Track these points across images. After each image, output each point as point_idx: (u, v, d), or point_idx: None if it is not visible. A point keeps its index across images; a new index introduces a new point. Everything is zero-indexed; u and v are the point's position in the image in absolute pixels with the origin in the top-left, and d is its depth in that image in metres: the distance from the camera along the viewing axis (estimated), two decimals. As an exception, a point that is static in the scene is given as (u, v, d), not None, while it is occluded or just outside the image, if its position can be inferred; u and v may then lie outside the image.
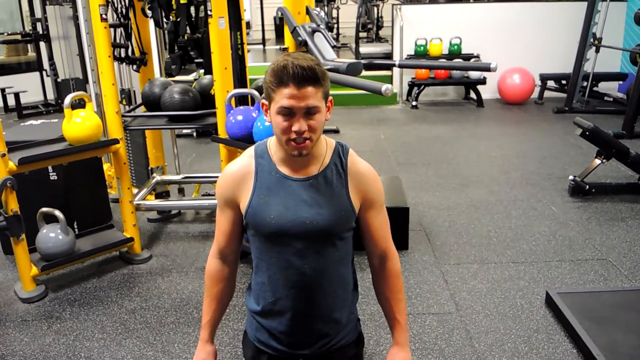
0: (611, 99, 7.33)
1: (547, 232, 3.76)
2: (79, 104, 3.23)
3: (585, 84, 7.33)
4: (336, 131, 6.51)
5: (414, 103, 8.13)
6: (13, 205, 2.89)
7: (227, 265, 1.74)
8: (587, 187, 4.32)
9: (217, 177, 4.20)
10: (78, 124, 3.08)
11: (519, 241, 3.63)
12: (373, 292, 1.73)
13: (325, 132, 1.57)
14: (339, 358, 1.71)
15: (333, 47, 3.07)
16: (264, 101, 1.56)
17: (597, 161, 4.36)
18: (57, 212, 3.07)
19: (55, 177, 3.47)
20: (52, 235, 3.10)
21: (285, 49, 3.10)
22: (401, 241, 3.51)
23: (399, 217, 3.47)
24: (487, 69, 2.64)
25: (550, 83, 7.94)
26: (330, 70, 2.57)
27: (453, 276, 3.19)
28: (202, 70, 5.95)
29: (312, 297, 1.63)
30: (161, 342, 2.64)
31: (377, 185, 1.66)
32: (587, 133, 4.25)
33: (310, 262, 1.61)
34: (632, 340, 2.46)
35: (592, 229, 3.77)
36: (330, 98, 1.57)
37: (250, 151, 1.67)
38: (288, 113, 1.47)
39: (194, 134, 6.69)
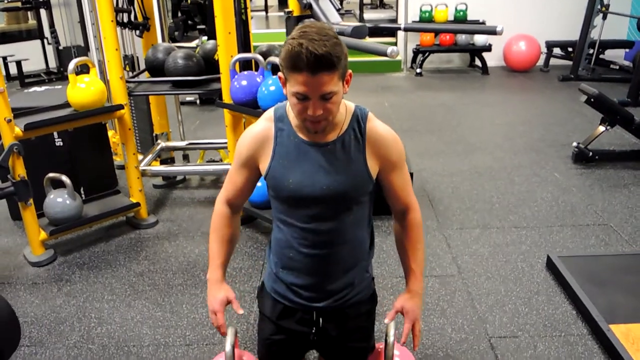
0: (617, 67, 7.27)
1: (549, 198, 3.78)
2: (82, 70, 3.22)
3: (591, 51, 7.25)
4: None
5: (418, 70, 8.07)
6: (20, 171, 2.92)
7: (235, 212, 1.79)
8: (591, 154, 4.33)
9: (221, 143, 4.24)
10: (82, 90, 3.09)
11: (522, 207, 3.65)
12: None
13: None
14: (353, 313, 1.76)
15: (338, 10, 3.05)
16: (280, 75, 1.54)
17: (601, 128, 4.36)
18: (64, 178, 3.10)
19: (61, 143, 3.50)
20: (60, 201, 3.13)
21: (289, 12, 3.07)
22: (404, 206, 3.54)
23: (403, 183, 3.49)
24: (493, 32, 2.62)
25: (556, 50, 7.86)
26: (335, 33, 2.56)
27: (455, 240, 3.23)
28: (204, 37, 5.92)
29: (328, 257, 1.68)
30: (169, 303, 2.70)
31: (397, 147, 1.67)
32: (592, 100, 4.24)
33: (326, 225, 1.65)
34: (631, 302, 2.51)
35: (595, 195, 3.80)
36: (349, 72, 1.55)
37: (269, 114, 1.68)
38: (302, 98, 1.47)
39: (197, 101, 6.67)
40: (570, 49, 7.66)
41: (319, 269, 1.71)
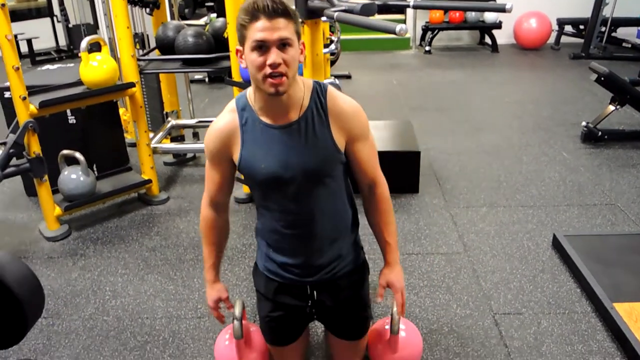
0: (629, 45, 7.18)
1: (557, 177, 3.80)
2: (93, 48, 3.25)
3: (603, 29, 7.16)
4: (348, 77, 6.47)
5: (427, 48, 8.03)
6: (35, 148, 2.97)
7: (220, 213, 1.86)
8: (600, 133, 4.32)
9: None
10: (95, 68, 3.12)
11: (529, 186, 3.68)
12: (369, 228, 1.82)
13: (337, 77, 1.59)
14: (345, 283, 1.83)
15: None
16: (238, 47, 1.57)
17: (611, 107, 4.34)
18: (78, 155, 3.16)
19: (74, 121, 3.54)
20: (74, 177, 3.20)
21: None
22: (412, 185, 3.58)
23: (411, 162, 3.52)
24: (502, 9, 2.61)
25: (568, 28, 7.78)
26: (343, 11, 2.56)
27: (462, 218, 3.27)
28: (213, 15, 5.91)
29: (311, 233, 1.74)
30: (181, 277, 2.77)
31: (360, 119, 1.69)
32: (602, 79, 4.22)
33: (304, 203, 1.70)
34: (636, 281, 2.54)
35: (602, 175, 3.81)
36: (302, 41, 1.58)
37: (231, 105, 1.70)
38: (261, 46, 1.48)
39: (206, 79, 6.69)
40: (581, 27, 7.58)
41: (305, 247, 1.77)
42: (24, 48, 7.69)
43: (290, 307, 1.85)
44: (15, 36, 2.74)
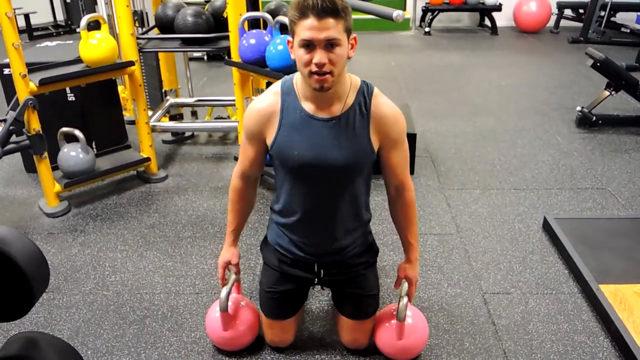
0: (628, 30, 7.19)
1: (550, 161, 3.86)
2: (92, 25, 3.26)
3: (602, 13, 7.16)
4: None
5: (427, 29, 8.02)
6: (35, 125, 3.00)
7: (250, 185, 1.94)
8: (594, 118, 4.37)
9: (229, 100, 4.30)
10: (94, 46, 3.14)
11: (522, 169, 3.73)
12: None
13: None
14: (352, 262, 1.94)
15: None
16: (289, 38, 1.61)
17: (606, 93, 4.38)
18: (77, 132, 3.19)
19: (73, 99, 3.57)
20: (73, 154, 3.23)
21: None
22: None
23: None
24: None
25: (567, 12, 7.77)
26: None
27: (455, 200, 3.33)
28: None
29: (330, 221, 1.83)
30: (180, 254, 2.83)
31: (399, 126, 1.75)
32: (598, 64, 4.25)
33: (328, 193, 1.78)
34: (621, 264, 2.60)
35: (595, 160, 3.87)
36: (354, 35, 1.61)
37: (276, 87, 1.74)
38: (309, 45, 1.52)
39: (205, 57, 6.69)
40: (581, 11, 7.57)
41: (321, 232, 1.85)
42: (21, 22, 7.64)
43: (297, 278, 1.96)
44: (13, 11, 2.75)
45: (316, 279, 1.97)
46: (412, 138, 3.58)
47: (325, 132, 1.68)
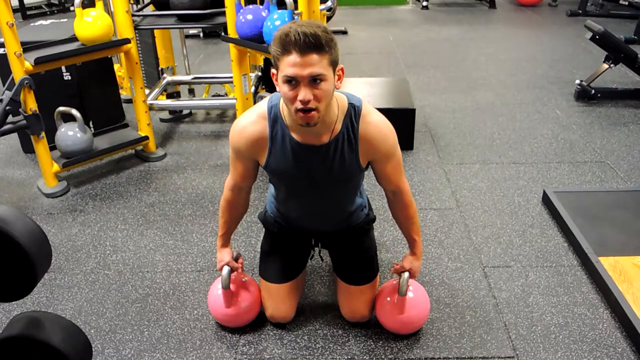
0: (626, 3, 7.11)
1: (549, 134, 3.85)
2: (86, 3, 3.22)
3: (601, -16, 7.09)
4: (344, 32, 6.40)
5: (424, 3, 7.93)
6: (32, 105, 2.98)
7: (243, 195, 1.98)
8: (593, 91, 4.35)
9: (226, 77, 4.26)
10: (89, 24, 3.10)
11: (521, 143, 3.73)
12: (380, 190, 2.00)
13: (334, 33, 1.59)
14: (348, 232, 2.05)
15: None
16: (273, 71, 1.56)
17: (605, 66, 4.35)
18: (74, 111, 3.17)
19: (69, 77, 3.54)
20: (71, 134, 3.21)
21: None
22: (407, 142, 3.62)
23: (406, 119, 3.55)
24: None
25: (566, -17, 7.67)
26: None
27: (455, 175, 3.33)
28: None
29: (324, 215, 1.97)
30: (180, 232, 2.83)
31: (389, 142, 1.74)
32: (597, 37, 4.22)
33: (322, 199, 1.88)
34: (621, 236, 2.61)
35: (594, 133, 3.86)
36: (341, 67, 1.56)
37: (262, 111, 1.71)
38: (292, 82, 1.47)
39: (201, 34, 6.61)
40: (580, -18, 7.48)
41: (316, 222, 1.99)
42: (15, 2, 7.53)
43: (296, 237, 2.07)
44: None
45: (313, 247, 2.11)
46: (411, 113, 3.57)
47: (315, 158, 1.71)
